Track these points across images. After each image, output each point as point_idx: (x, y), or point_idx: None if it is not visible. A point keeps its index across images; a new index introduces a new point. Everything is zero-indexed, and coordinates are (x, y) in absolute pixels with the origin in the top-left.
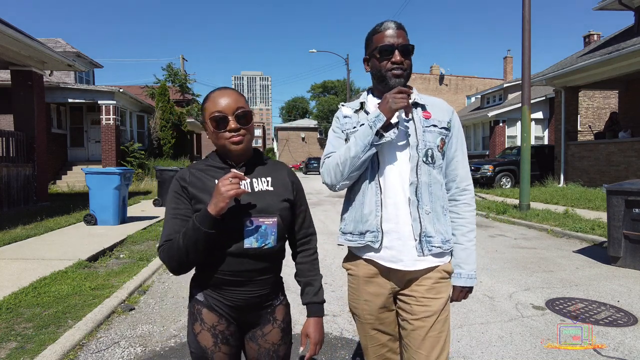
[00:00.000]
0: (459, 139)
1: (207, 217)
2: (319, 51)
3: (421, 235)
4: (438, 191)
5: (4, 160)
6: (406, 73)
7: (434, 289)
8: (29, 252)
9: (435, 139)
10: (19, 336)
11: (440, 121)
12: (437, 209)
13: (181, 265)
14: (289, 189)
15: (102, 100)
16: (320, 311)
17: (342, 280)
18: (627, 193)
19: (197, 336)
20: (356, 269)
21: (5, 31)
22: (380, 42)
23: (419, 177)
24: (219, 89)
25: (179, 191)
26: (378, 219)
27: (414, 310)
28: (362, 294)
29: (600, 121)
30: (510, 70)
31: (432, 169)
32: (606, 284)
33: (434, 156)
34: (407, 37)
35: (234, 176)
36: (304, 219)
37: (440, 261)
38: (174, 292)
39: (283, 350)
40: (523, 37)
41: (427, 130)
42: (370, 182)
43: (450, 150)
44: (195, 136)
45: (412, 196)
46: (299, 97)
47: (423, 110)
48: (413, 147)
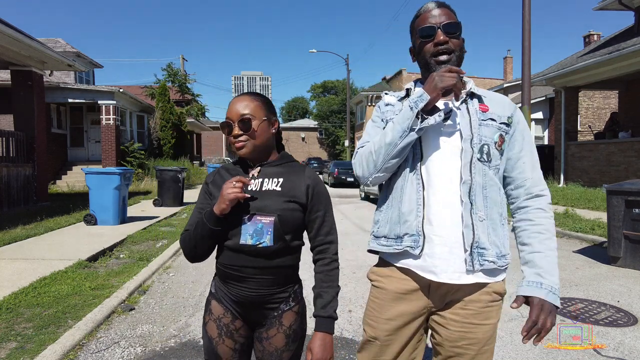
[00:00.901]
0: (525, 137)
1: (212, 215)
2: (319, 51)
3: (472, 245)
4: (495, 195)
5: (4, 160)
6: (455, 55)
7: (482, 313)
8: (29, 252)
9: (493, 134)
10: (19, 336)
11: (499, 116)
12: (494, 216)
13: (192, 254)
14: (302, 191)
15: (102, 100)
16: (328, 326)
17: (341, 280)
18: (627, 193)
19: (206, 325)
20: (386, 282)
21: (5, 31)
22: (422, 24)
23: (473, 176)
24: (239, 95)
25: (204, 187)
26: (419, 220)
27: (453, 336)
28: (386, 312)
29: (600, 121)
30: (510, 70)
31: (487, 169)
32: (606, 284)
33: (490, 154)
34: (453, 15)
35: (238, 180)
36: (320, 225)
37: (491, 279)
38: (174, 292)
39: (287, 356)
40: (523, 37)
41: (483, 123)
42: (411, 177)
43: (513, 149)
44: (195, 136)
45: (465, 197)
46: (299, 97)
47: (480, 102)
48: (467, 141)
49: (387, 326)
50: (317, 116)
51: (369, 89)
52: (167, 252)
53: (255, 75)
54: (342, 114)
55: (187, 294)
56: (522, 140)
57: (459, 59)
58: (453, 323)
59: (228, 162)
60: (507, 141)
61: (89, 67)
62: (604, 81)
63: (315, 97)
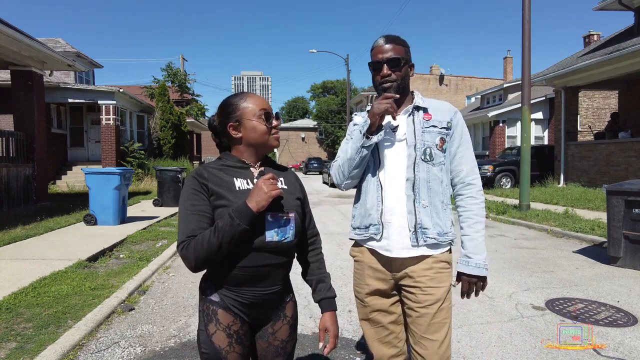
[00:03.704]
0: (462, 136)
1: (248, 214)
2: (319, 51)
3: (416, 226)
4: (437, 187)
5: (4, 160)
6: (396, 84)
7: (436, 278)
8: (29, 252)
9: (434, 139)
10: (19, 336)
11: (440, 121)
12: (436, 203)
13: (207, 261)
14: (299, 189)
15: (102, 100)
16: (335, 305)
17: (341, 280)
18: (627, 193)
19: (212, 337)
20: (362, 256)
21: (6, 31)
22: (373, 58)
23: (417, 174)
24: (246, 93)
25: (197, 188)
26: (379, 213)
27: (420, 299)
28: (365, 279)
29: (600, 121)
30: (510, 70)
31: (431, 167)
32: (606, 284)
33: (432, 154)
34: (399, 48)
35: (273, 177)
36: (310, 219)
37: (434, 252)
38: (174, 292)
39: (290, 346)
40: (523, 37)
41: (426, 130)
42: (371, 181)
43: (452, 147)
44: (195, 136)
45: (409, 191)
46: (299, 97)
47: (425, 112)
48: (411, 146)
49: (367, 289)
50: (317, 116)
51: (368, 89)
52: (167, 252)
53: (255, 76)
54: (342, 114)
55: (187, 294)
56: (460, 138)
57: (401, 85)
58: (417, 289)
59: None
60: (448, 141)
61: (89, 67)
62: (604, 81)
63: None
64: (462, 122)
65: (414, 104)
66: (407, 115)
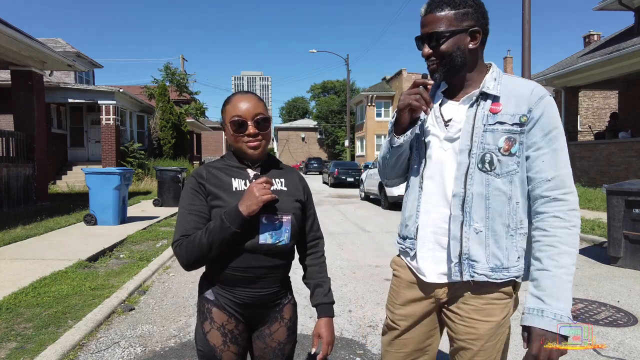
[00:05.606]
0: (548, 132)
1: (238, 217)
2: (319, 51)
3: (461, 256)
4: (500, 206)
5: (4, 160)
6: (441, 62)
7: (485, 310)
8: (29, 252)
9: (497, 141)
10: (19, 336)
11: (513, 115)
12: (497, 228)
13: (198, 261)
14: (301, 191)
15: (102, 101)
16: (331, 311)
17: (341, 280)
18: (627, 193)
19: (207, 335)
20: (401, 272)
21: (5, 31)
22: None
23: (468, 189)
24: (241, 93)
25: (195, 187)
26: (416, 226)
27: (458, 329)
28: (400, 298)
29: (600, 121)
30: (510, 70)
31: (493, 178)
32: (606, 284)
33: (494, 162)
34: (442, 16)
35: (266, 181)
36: (313, 222)
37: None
38: (174, 292)
39: (288, 348)
40: (523, 38)
41: (489, 129)
42: (414, 186)
43: (529, 148)
44: (195, 136)
45: (456, 211)
46: (299, 97)
47: (494, 101)
48: (464, 152)
49: (401, 311)
50: (317, 116)
51: (369, 89)
52: (167, 252)
53: (255, 76)
54: (342, 114)
55: (187, 294)
56: (544, 135)
57: (449, 64)
58: (456, 317)
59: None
60: (523, 141)
61: (89, 67)
62: (604, 81)
63: (315, 97)
64: (549, 111)
65: (481, 88)
66: (469, 105)
